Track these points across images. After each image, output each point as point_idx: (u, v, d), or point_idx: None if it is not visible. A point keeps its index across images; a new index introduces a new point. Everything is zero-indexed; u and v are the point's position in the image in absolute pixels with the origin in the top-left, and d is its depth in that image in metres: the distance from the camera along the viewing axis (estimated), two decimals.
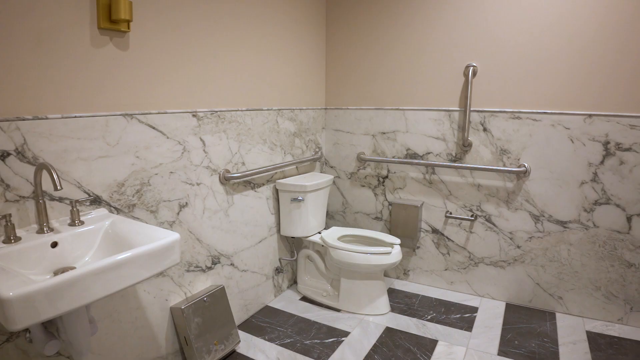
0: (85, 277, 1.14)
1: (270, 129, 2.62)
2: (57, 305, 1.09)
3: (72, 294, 1.11)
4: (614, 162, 2.45)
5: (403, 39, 2.89)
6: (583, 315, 2.68)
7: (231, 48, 2.24)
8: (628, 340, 2.43)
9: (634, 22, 2.29)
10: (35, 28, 1.40)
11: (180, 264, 2.07)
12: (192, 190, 2.09)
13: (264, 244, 2.68)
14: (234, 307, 2.46)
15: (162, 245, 1.38)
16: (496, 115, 2.69)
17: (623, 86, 2.36)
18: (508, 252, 2.82)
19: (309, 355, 2.24)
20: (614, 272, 2.55)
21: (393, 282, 3.18)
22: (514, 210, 2.75)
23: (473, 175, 2.83)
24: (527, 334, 2.49)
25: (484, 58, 2.67)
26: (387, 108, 3.02)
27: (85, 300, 1.15)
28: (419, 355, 2.27)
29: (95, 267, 1.17)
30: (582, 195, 2.55)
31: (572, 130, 2.51)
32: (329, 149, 3.29)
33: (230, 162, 2.32)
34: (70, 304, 1.12)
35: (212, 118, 2.16)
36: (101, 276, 1.18)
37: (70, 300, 1.11)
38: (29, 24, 1.38)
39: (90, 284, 1.16)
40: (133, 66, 1.73)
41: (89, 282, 1.15)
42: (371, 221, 3.25)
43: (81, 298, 1.14)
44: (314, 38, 2.99)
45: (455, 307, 2.81)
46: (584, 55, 2.42)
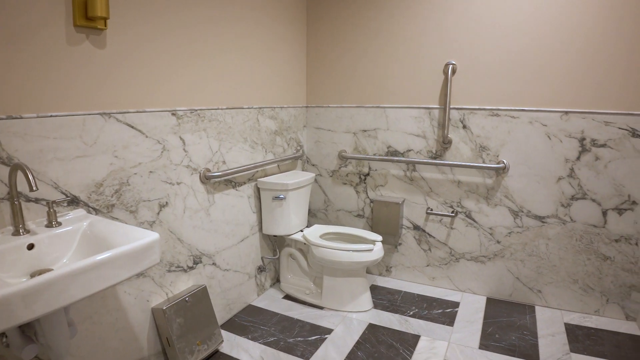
0: (62, 278, 1.12)
1: (251, 128, 2.61)
2: (34, 308, 1.07)
3: (49, 297, 1.09)
4: (590, 158, 2.50)
5: (383, 37, 2.90)
6: (561, 307, 2.74)
7: (211, 46, 2.22)
8: (604, 331, 2.49)
9: (609, 23, 2.34)
10: (8, 26, 1.36)
11: (161, 264, 2.05)
12: (172, 190, 2.07)
13: (246, 242, 2.67)
14: (217, 306, 2.45)
15: (141, 245, 1.36)
16: (475, 112, 2.73)
17: (598, 84, 2.42)
18: (488, 248, 2.86)
19: (293, 353, 2.25)
20: (591, 265, 2.61)
21: (375, 278, 3.20)
22: (494, 206, 2.79)
23: (453, 171, 2.87)
24: (507, 327, 2.53)
25: (463, 56, 2.70)
26: (368, 106, 3.03)
27: (63, 303, 1.14)
28: (401, 350, 2.29)
29: (73, 268, 1.15)
30: (559, 191, 2.60)
31: (549, 127, 2.56)
32: (311, 147, 3.29)
33: (210, 161, 2.30)
34: (48, 306, 1.10)
35: (192, 117, 2.14)
36: (79, 277, 1.16)
37: (47, 302, 1.09)
38: (1, 22, 1.35)
39: (68, 285, 1.14)
40: (110, 64, 1.71)
41: (66, 283, 1.13)
42: (353, 219, 3.27)
43: (59, 300, 1.12)
44: (295, 36, 2.98)
45: (437, 302, 2.84)
46: (560, 53, 2.47)
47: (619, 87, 2.38)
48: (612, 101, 2.41)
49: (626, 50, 2.34)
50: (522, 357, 2.24)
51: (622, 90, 2.38)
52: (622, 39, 2.33)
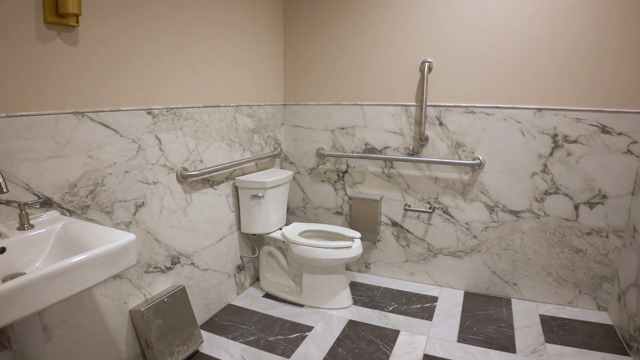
0: (36, 282, 1.09)
1: (228, 126, 2.58)
2: (7, 314, 1.04)
3: (22, 301, 1.07)
4: (562, 154, 2.57)
5: (360, 35, 2.91)
6: (536, 299, 2.80)
7: (187, 44, 2.19)
8: (577, 321, 2.57)
9: (580, 23, 2.40)
10: None
11: (138, 265, 2.02)
12: (149, 190, 2.04)
13: (225, 242, 2.65)
14: (196, 307, 2.42)
15: (117, 246, 1.34)
16: (451, 109, 2.77)
17: (569, 82, 2.48)
18: (465, 242, 2.90)
19: (274, 351, 2.24)
20: (564, 258, 2.68)
21: (355, 275, 3.22)
22: (470, 201, 2.84)
23: (430, 168, 2.90)
24: (484, 320, 2.58)
25: (439, 54, 2.73)
26: (346, 103, 3.04)
27: (37, 307, 1.11)
28: (381, 346, 2.31)
29: (46, 271, 1.12)
30: (533, 186, 2.66)
31: (523, 124, 2.61)
32: (289, 145, 3.28)
33: (187, 160, 2.28)
34: (21, 311, 1.07)
35: (168, 115, 2.11)
36: (53, 280, 1.14)
37: (20, 307, 1.06)
38: None
39: (42, 289, 1.11)
40: (83, 62, 1.67)
41: (40, 287, 1.10)
42: (332, 216, 3.27)
43: (32, 305, 1.09)
44: (272, 34, 2.96)
45: (416, 297, 2.88)
46: (533, 52, 2.52)
47: (590, 84, 2.45)
48: (582, 98, 2.47)
49: (596, 50, 2.40)
50: (499, 349, 2.29)
51: (592, 88, 2.45)
52: (593, 38, 2.40)
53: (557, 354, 2.24)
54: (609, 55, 2.39)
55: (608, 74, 2.41)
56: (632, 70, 2.36)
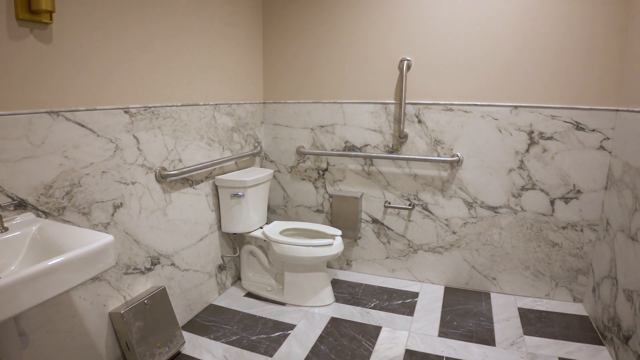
0: (11, 286, 1.06)
1: (208, 125, 2.56)
2: None
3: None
4: (538, 150, 2.62)
5: (339, 33, 2.92)
6: (515, 293, 2.86)
7: (165, 41, 2.16)
8: (554, 313, 2.63)
9: (554, 22, 2.46)
10: None
11: (117, 266, 1.98)
12: (127, 190, 2.01)
13: (205, 241, 2.62)
14: (177, 307, 2.40)
15: (95, 248, 1.31)
16: (430, 107, 2.79)
17: (544, 80, 2.53)
18: (445, 238, 2.94)
19: (256, 351, 2.24)
20: (541, 252, 2.74)
21: (336, 272, 3.23)
22: (449, 198, 2.87)
23: (409, 165, 2.92)
24: (465, 314, 2.62)
25: (418, 52, 2.76)
26: (325, 101, 3.04)
27: (13, 312, 1.08)
28: (364, 342, 2.33)
29: (22, 275, 1.09)
30: (510, 182, 2.71)
31: (500, 121, 2.66)
32: (269, 144, 3.27)
33: (166, 160, 2.25)
34: None
35: (146, 114, 2.08)
36: (29, 284, 1.11)
37: None
38: None
39: (18, 293, 1.08)
40: (57, 60, 1.63)
41: (15, 291, 1.07)
42: (312, 214, 3.28)
43: (8, 309, 1.06)
44: (251, 32, 2.94)
45: (397, 293, 2.90)
46: (510, 51, 2.56)
47: (564, 83, 2.50)
48: (557, 96, 2.53)
49: (570, 50, 2.46)
50: (479, 342, 2.33)
51: (566, 86, 2.50)
52: (566, 39, 2.45)
53: (535, 346, 2.29)
54: (581, 54, 2.45)
55: (581, 72, 2.47)
56: (603, 69, 2.43)
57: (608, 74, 2.43)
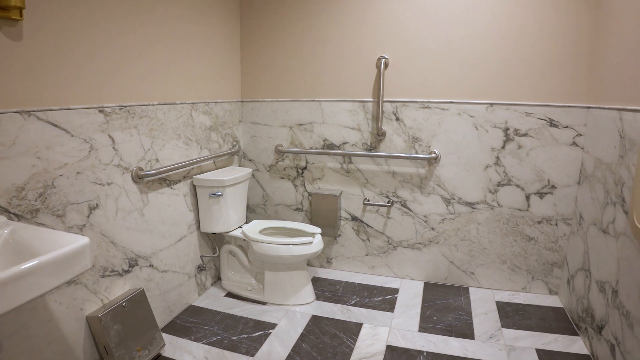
0: None
1: (185, 124, 2.53)
2: None
3: None
4: (513, 147, 2.67)
5: (317, 31, 2.91)
6: (492, 287, 2.91)
7: (140, 39, 2.12)
8: (531, 306, 2.69)
9: (528, 23, 2.51)
10: None
11: (94, 269, 1.94)
12: (103, 191, 1.96)
13: (184, 242, 2.59)
14: (156, 309, 2.36)
15: (70, 250, 1.28)
16: (407, 105, 2.82)
17: (519, 78, 2.58)
18: (423, 235, 2.97)
19: (238, 351, 2.22)
20: (517, 246, 2.80)
21: (317, 271, 3.23)
22: (427, 194, 2.90)
23: (388, 163, 2.94)
24: (444, 309, 2.65)
25: (395, 50, 2.77)
26: (303, 100, 3.04)
27: None
28: (345, 339, 2.34)
29: None
30: (487, 178, 2.76)
31: (476, 118, 2.70)
32: (247, 142, 3.25)
33: (143, 159, 2.21)
34: None
35: (121, 113, 2.04)
36: (2, 289, 1.07)
37: None
38: None
39: None
40: (28, 58, 1.58)
41: None
42: (292, 212, 3.27)
43: None
44: (228, 30, 2.91)
45: (377, 290, 2.92)
46: (486, 49, 2.60)
47: (538, 80, 2.56)
48: (531, 94, 2.58)
49: (543, 48, 2.51)
50: (459, 336, 2.36)
51: (540, 84, 2.56)
52: (540, 38, 2.51)
53: (513, 338, 2.33)
54: (554, 54, 2.50)
55: (554, 71, 2.52)
56: (575, 67, 2.49)
57: (579, 73, 2.49)
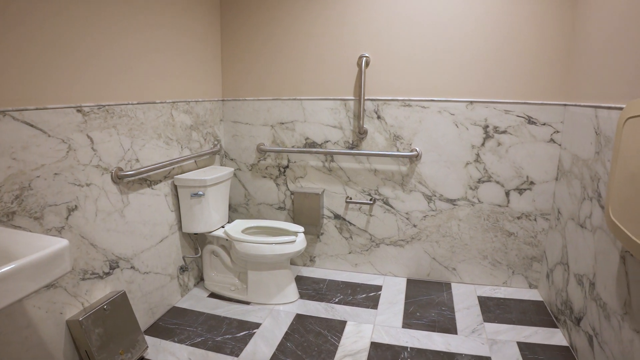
0: None
1: (165, 123, 2.49)
2: None
3: None
4: (493, 144, 2.71)
5: (298, 30, 2.90)
6: (474, 282, 2.96)
7: (119, 37, 2.08)
8: (512, 300, 2.74)
9: (508, 22, 2.54)
10: None
11: (74, 272, 1.90)
12: (82, 192, 1.93)
13: (166, 243, 2.56)
14: (139, 312, 2.33)
15: (49, 253, 1.25)
16: (389, 103, 2.83)
17: (498, 76, 2.63)
18: (406, 232, 3.00)
19: (222, 351, 2.20)
20: (497, 242, 2.84)
21: (300, 269, 3.23)
22: (409, 192, 2.93)
23: (370, 161, 2.96)
24: (427, 305, 2.68)
25: (376, 49, 2.79)
26: (285, 98, 3.03)
27: None
28: (329, 337, 2.34)
29: None
30: (467, 175, 2.79)
31: (457, 116, 2.73)
32: (228, 141, 3.22)
33: (122, 160, 2.17)
34: None
35: (100, 113, 2.00)
36: None
37: None
38: None
39: None
40: (3, 57, 1.54)
41: None
42: (274, 211, 3.26)
43: None
44: (209, 29, 2.88)
45: (360, 287, 2.93)
46: (465, 48, 2.64)
47: (516, 79, 2.60)
48: (510, 92, 2.63)
49: (521, 48, 2.55)
50: (442, 331, 2.39)
51: (519, 82, 2.60)
52: (519, 37, 2.55)
53: (495, 332, 2.37)
54: (532, 52, 2.55)
55: (532, 69, 2.57)
56: (552, 66, 2.54)
57: (557, 71, 2.54)
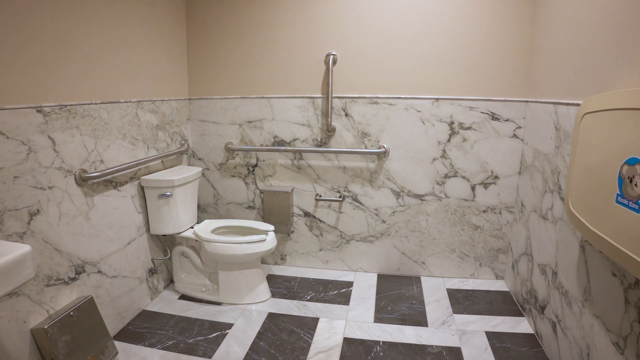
0: None
1: (130, 123, 2.43)
2: None
3: None
4: (458, 140, 2.78)
5: (265, 27, 2.88)
6: (443, 275, 3.02)
7: (81, 35, 2.01)
8: (479, 291, 2.82)
9: (471, 21, 2.61)
10: None
11: (37, 278, 1.84)
12: (44, 195, 1.86)
13: (134, 245, 2.50)
14: (107, 317, 2.26)
15: (10, 260, 1.22)
16: (356, 101, 2.85)
17: (462, 74, 2.69)
18: (375, 227, 3.03)
19: (194, 353, 2.18)
20: (465, 235, 2.91)
21: (271, 268, 3.22)
22: (377, 188, 2.96)
23: (338, 158, 2.97)
24: (398, 299, 2.73)
25: (343, 47, 2.80)
26: (253, 97, 3.01)
27: None
28: (302, 334, 2.35)
29: None
30: (434, 170, 2.85)
31: (423, 113, 2.78)
32: (196, 141, 3.18)
33: (86, 161, 2.11)
34: None
35: (62, 113, 1.94)
36: None
37: None
38: None
39: None
40: None
41: None
42: (244, 210, 3.24)
43: None
44: (174, 27, 2.82)
45: (332, 284, 2.95)
46: (431, 46, 2.69)
47: (480, 76, 2.67)
48: (474, 89, 2.70)
49: (484, 46, 2.62)
50: (413, 324, 2.43)
51: (482, 79, 2.68)
52: (482, 35, 2.62)
53: (464, 322, 2.44)
54: (495, 51, 2.63)
55: (495, 67, 2.65)
56: (515, 64, 2.63)
57: (519, 68, 2.62)
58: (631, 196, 1.24)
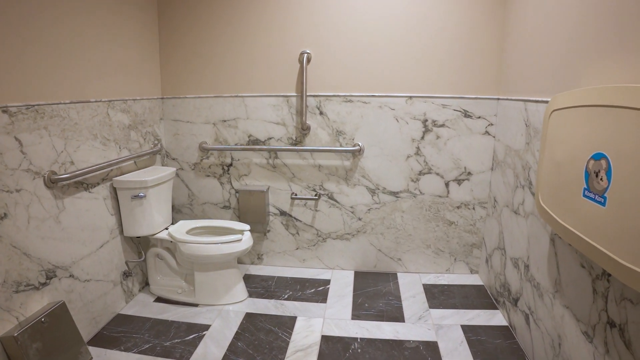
0: None
1: (101, 123, 2.38)
2: None
3: None
4: (432, 137, 2.81)
5: (238, 25, 2.86)
6: (419, 271, 3.06)
7: (49, 32, 1.95)
8: (455, 286, 2.87)
9: (443, 20, 2.65)
10: None
11: (6, 285, 1.78)
12: (11, 199, 1.80)
13: (106, 248, 2.45)
14: (80, 322, 2.21)
15: None
16: (330, 99, 2.86)
17: (435, 72, 2.73)
18: (351, 225, 3.05)
19: (171, 356, 2.15)
20: (439, 231, 2.96)
21: (248, 268, 3.20)
22: (353, 186, 2.98)
23: (313, 156, 2.98)
24: (375, 296, 2.75)
25: (317, 45, 2.80)
26: (227, 95, 2.98)
27: None
28: (280, 334, 2.35)
29: None
30: (409, 168, 2.88)
31: (397, 111, 2.81)
32: (169, 141, 3.13)
33: (56, 163, 2.05)
34: None
35: (29, 113, 1.88)
36: None
37: None
38: None
39: None
40: None
41: None
42: (220, 210, 3.21)
43: None
44: (146, 25, 2.77)
45: (309, 282, 2.96)
46: (404, 45, 2.72)
47: (453, 74, 2.72)
48: (447, 87, 2.74)
49: (457, 45, 2.67)
50: (390, 320, 2.46)
51: (455, 77, 2.72)
52: (454, 35, 2.66)
53: (440, 317, 2.48)
54: (467, 50, 2.68)
55: (467, 65, 2.70)
56: (486, 62, 2.68)
57: (490, 67, 2.68)
58: (597, 190, 1.28)
